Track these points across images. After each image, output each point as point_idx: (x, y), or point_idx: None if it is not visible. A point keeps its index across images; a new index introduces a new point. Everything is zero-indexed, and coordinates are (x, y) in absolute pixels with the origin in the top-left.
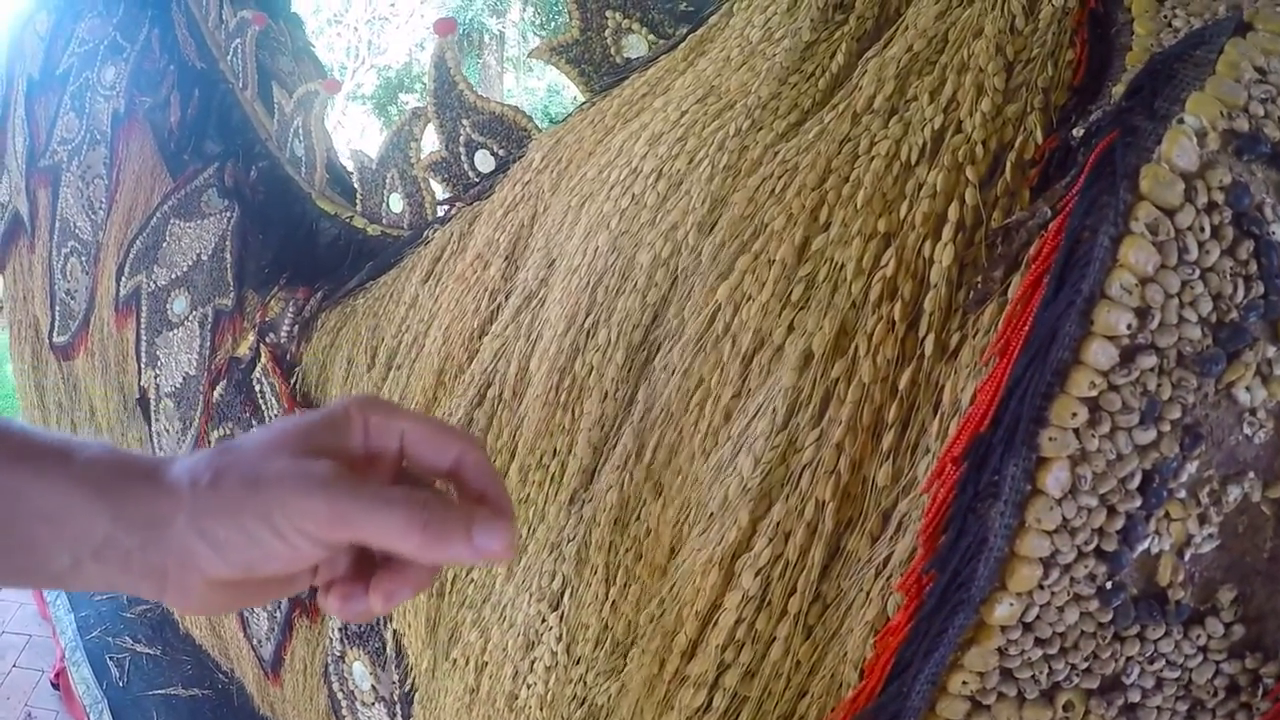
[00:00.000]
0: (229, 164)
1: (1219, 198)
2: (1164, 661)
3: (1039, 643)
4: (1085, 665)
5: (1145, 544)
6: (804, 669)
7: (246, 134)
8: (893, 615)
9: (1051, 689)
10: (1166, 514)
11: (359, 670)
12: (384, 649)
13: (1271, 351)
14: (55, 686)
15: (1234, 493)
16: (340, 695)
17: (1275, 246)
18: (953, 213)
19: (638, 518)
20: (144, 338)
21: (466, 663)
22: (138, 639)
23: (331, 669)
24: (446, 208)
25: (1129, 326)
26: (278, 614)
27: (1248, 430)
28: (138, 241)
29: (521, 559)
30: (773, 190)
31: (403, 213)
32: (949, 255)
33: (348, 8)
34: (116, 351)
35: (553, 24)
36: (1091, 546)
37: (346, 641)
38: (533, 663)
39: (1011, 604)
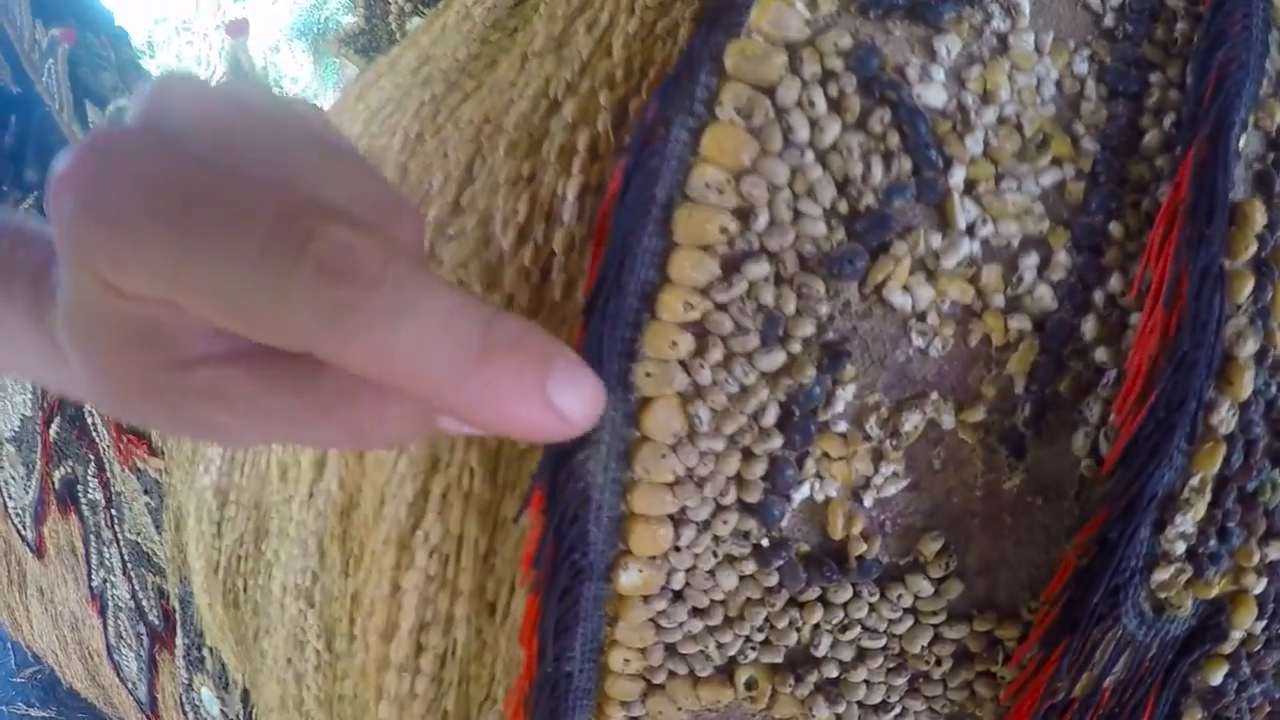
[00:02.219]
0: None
1: (837, 65)
2: (860, 629)
3: (696, 613)
4: (762, 637)
5: (804, 491)
6: (492, 649)
7: None
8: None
9: (728, 665)
10: (824, 453)
11: (207, 696)
12: (221, 670)
13: (937, 241)
14: None
15: (912, 420)
16: None
17: (921, 113)
18: (582, 141)
19: (357, 504)
20: None
21: (265, 673)
22: (30, 703)
23: (184, 699)
24: None
25: (724, 231)
26: (142, 651)
27: (918, 341)
28: None
29: (281, 554)
30: (444, 152)
31: None
32: (575, 187)
33: (195, 14)
34: None
35: None
36: (731, 498)
37: (191, 668)
38: (305, 663)
39: (641, 570)
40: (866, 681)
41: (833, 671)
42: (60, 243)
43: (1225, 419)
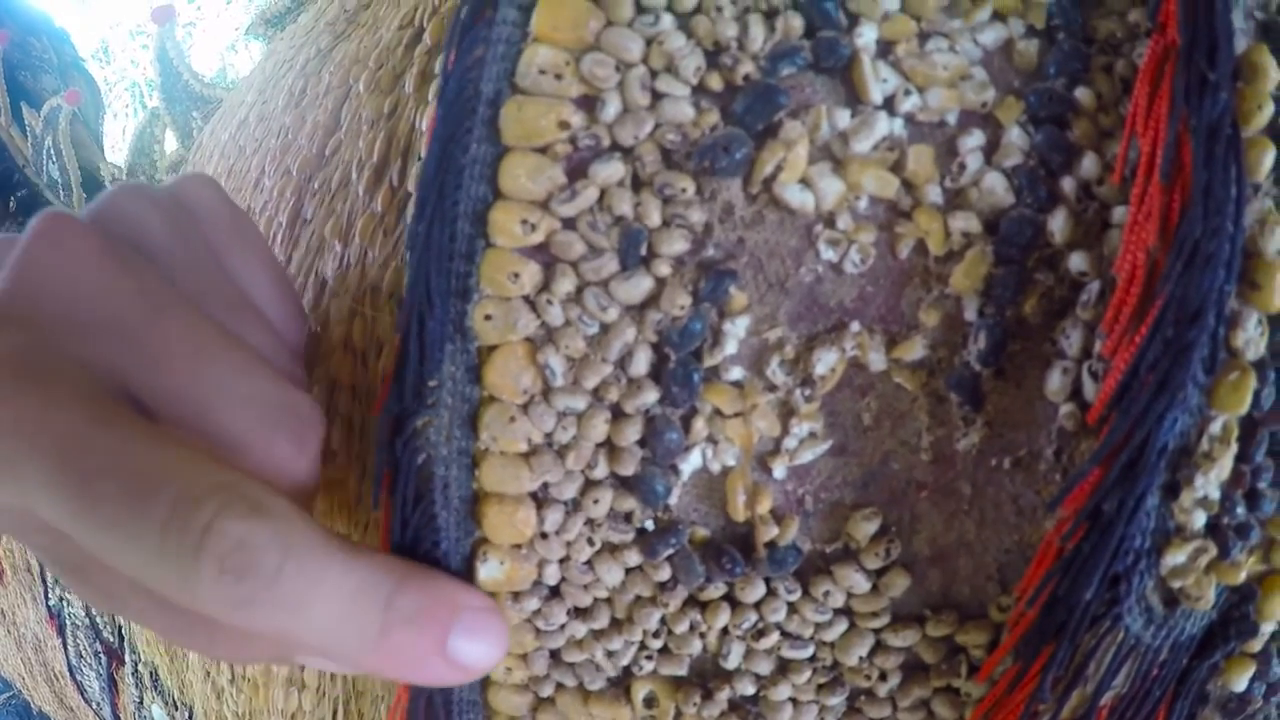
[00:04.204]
0: None
1: None
2: (778, 635)
3: (579, 614)
4: (659, 644)
5: (693, 459)
6: None
7: (3, 162)
8: None
9: (622, 677)
10: (715, 409)
11: (158, 714)
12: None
13: (844, 119)
14: None
15: (828, 360)
16: None
17: None
18: (439, 64)
19: None
20: None
21: (194, 688)
22: None
23: (136, 717)
24: None
25: (565, 125)
26: (101, 670)
27: (828, 254)
28: None
29: None
30: (318, 101)
31: None
32: (429, 114)
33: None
34: None
35: None
36: (603, 471)
37: (139, 685)
38: (221, 677)
39: (503, 562)
40: (792, 700)
41: (748, 688)
42: None
43: (1253, 339)
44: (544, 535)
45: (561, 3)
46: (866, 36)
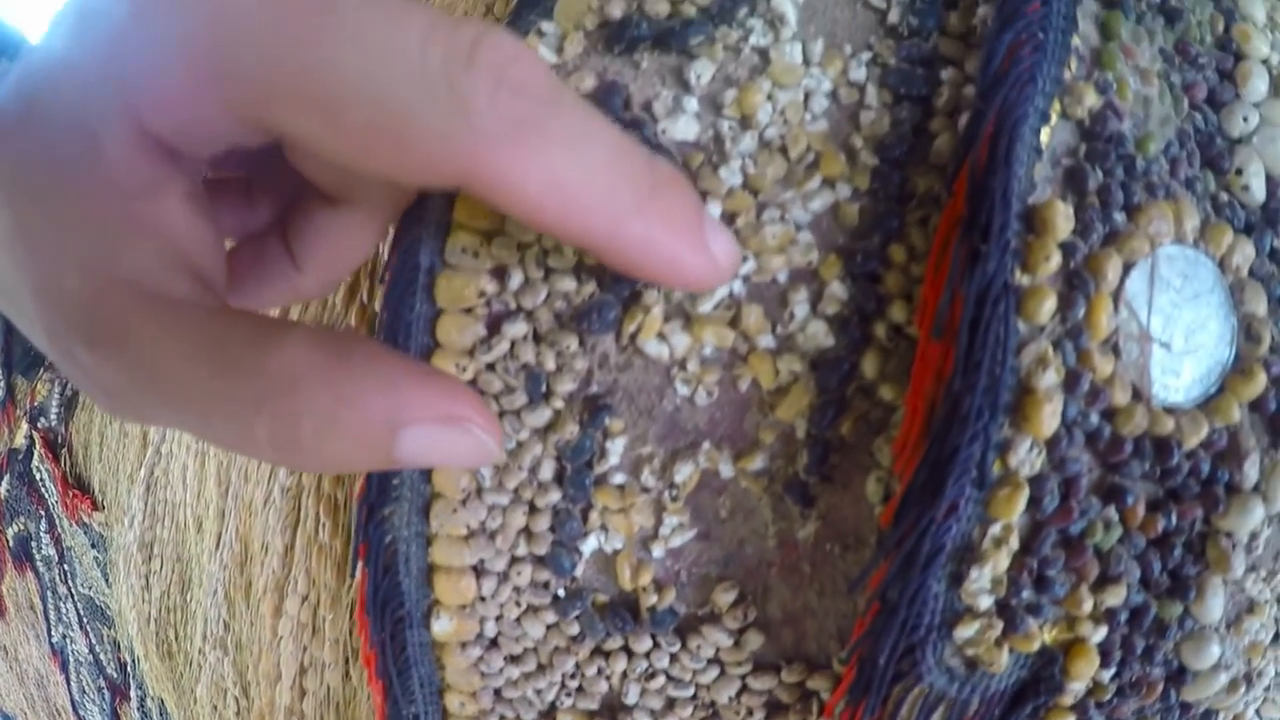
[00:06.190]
0: None
1: None
2: (665, 678)
3: (512, 660)
4: (575, 685)
5: (591, 542)
6: (360, 693)
7: None
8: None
9: (550, 711)
10: (604, 505)
11: None
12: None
13: None
14: None
15: (685, 470)
16: None
17: (668, 150)
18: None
19: (252, 556)
20: None
21: None
22: None
23: None
24: None
25: (483, 293)
26: (104, 705)
27: (683, 390)
28: None
29: (195, 605)
30: None
31: None
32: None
33: None
34: None
35: None
36: (524, 550)
37: (145, 719)
38: (227, 710)
39: (451, 619)
40: None
41: (644, 719)
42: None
43: (1027, 460)
44: (482, 598)
45: (475, 199)
46: (711, 212)
